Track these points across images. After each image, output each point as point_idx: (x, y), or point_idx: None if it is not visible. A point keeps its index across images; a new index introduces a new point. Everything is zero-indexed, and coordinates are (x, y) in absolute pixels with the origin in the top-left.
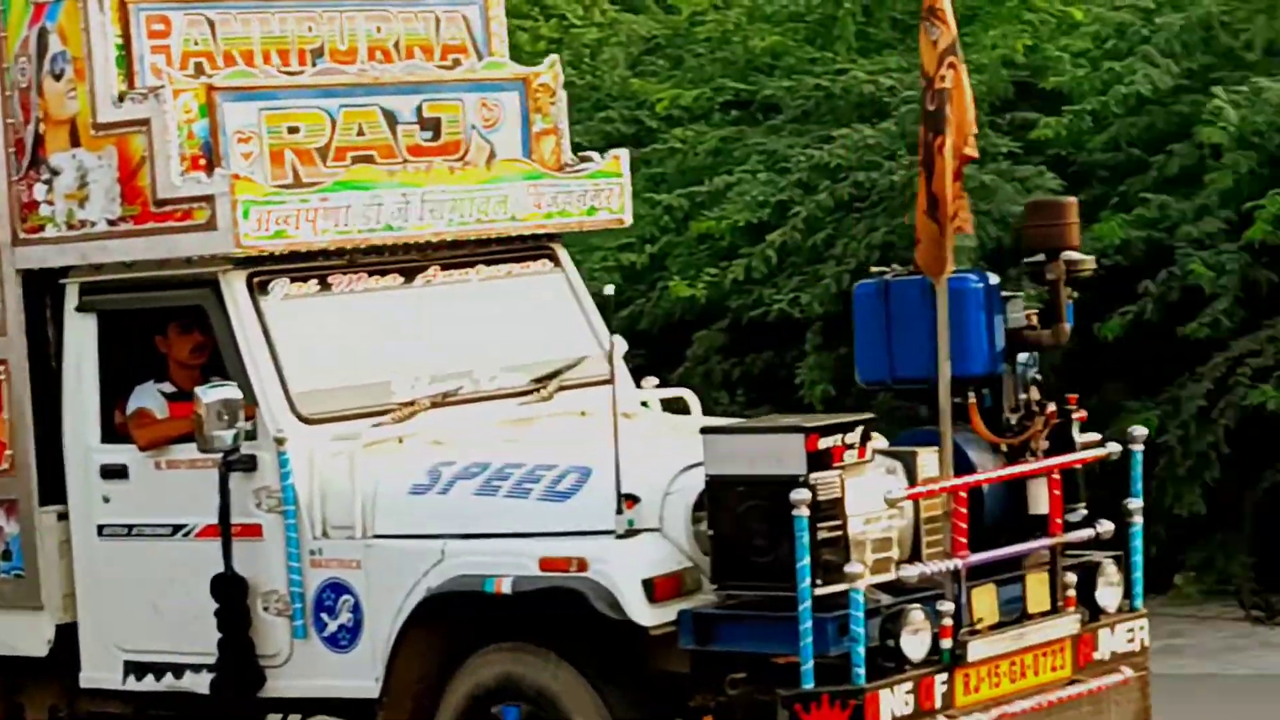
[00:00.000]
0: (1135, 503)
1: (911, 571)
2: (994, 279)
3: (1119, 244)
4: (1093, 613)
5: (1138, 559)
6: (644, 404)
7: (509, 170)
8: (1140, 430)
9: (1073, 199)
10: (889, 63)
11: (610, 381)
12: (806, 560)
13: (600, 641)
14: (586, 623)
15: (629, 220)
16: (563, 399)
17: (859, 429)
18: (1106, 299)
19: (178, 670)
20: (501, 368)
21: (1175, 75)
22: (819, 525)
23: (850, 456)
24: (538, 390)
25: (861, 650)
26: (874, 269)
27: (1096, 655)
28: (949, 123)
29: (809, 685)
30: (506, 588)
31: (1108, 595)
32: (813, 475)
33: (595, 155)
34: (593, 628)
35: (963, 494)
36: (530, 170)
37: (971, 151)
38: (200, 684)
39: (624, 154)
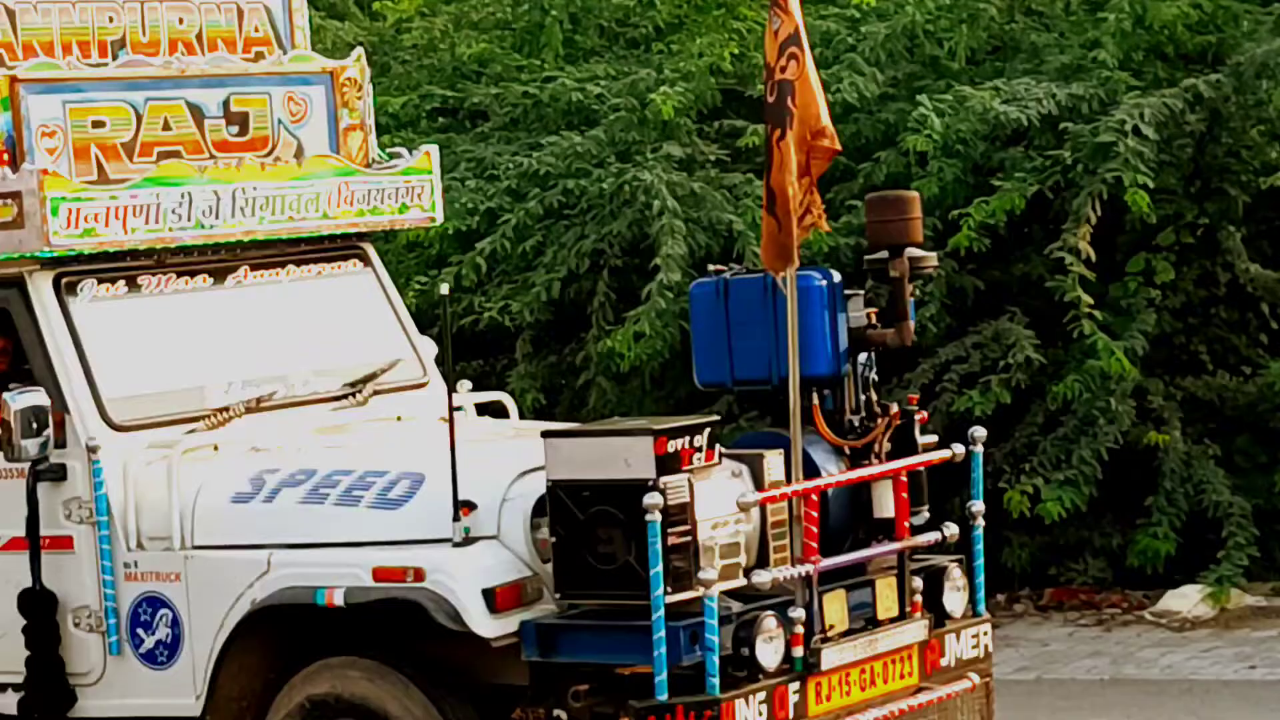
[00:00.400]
0: (977, 505)
1: (764, 577)
2: (836, 277)
3: (827, 251)
4: (937, 618)
5: (980, 563)
6: (458, 408)
7: (321, 167)
8: (980, 431)
9: (914, 193)
10: (596, 70)
11: (424, 385)
12: (660, 567)
13: (435, 654)
14: (419, 634)
15: (440, 218)
16: (377, 404)
17: (706, 431)
18: None
19: None
20: (314, 372)
21: (881, 84)
22: (668, 531)
23: (698, 459)
24: (352, 395)
25: (716, 659)
26: (711, 267)
27: (943, 662)
28: (792, 115)
29: (663, 697)
30: (339, 599)
31: (954, 600)
32: (662, 479)
33: (404, 151)
34: (426, 640)
35: (814, 498)
36: (342, 167)
37: (830, 144)
38: (6, 705)
39: (434, 150)
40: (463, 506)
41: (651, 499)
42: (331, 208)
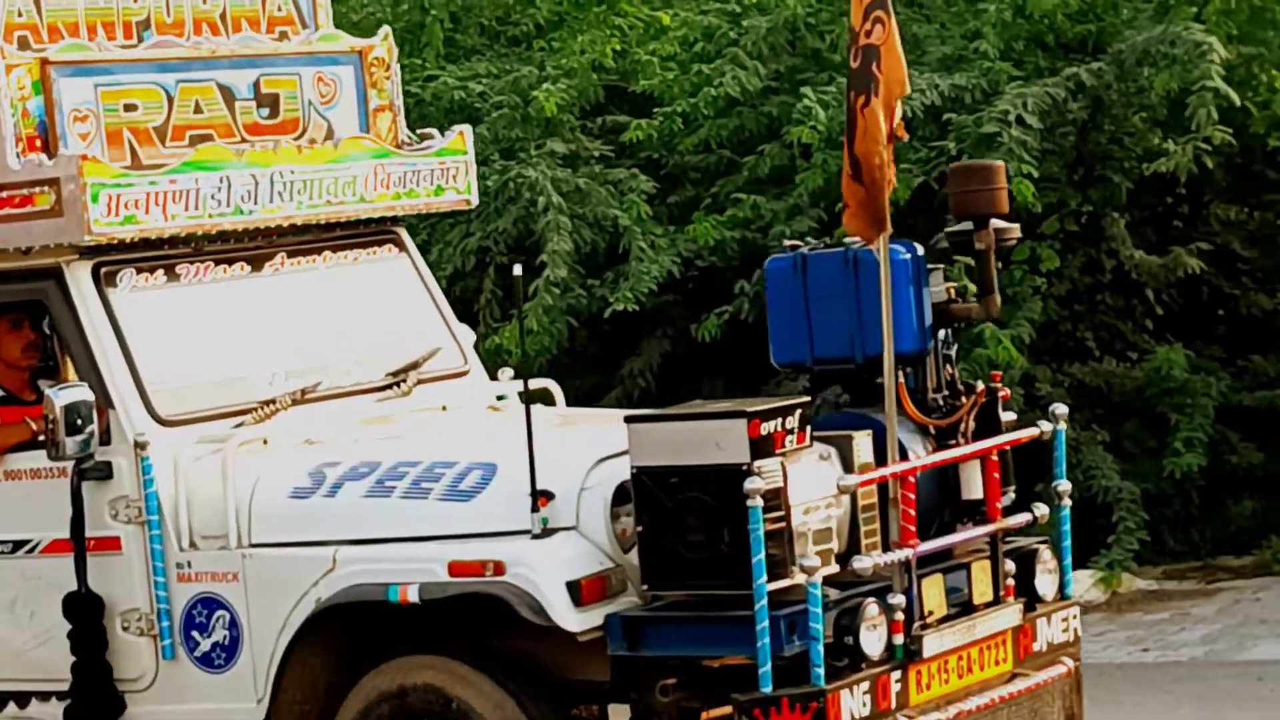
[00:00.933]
0: (1063, 485)
1: (866, 563)
2: (920, 249)
3: (713, 245)
4: (1028, 601)
5: (1067, 544)
6: (501, 397)
7: (356, 148)
8: (1062, 409)
9: (1000, 163)
10: (478, 69)
11: (465, 374)
12: (762, 555)
13: (510, 650)
14: (494, 630)
15: (475, 201)
16: (420, 393)
17: (798, 412)
18: (702, 299)
19: (21, 699)
20: (355, 361)
21: (763, 77)
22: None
23: (790, 442)
24: (396, 385)
25: (820, 649)
26: (787, 241)
27: (1035, 646)
28: (877, 81)
29: (767, 689)
30: (413, 596)
31: (1046, 583)
32: (755, 462)
33: (435, 132)
34: (499, 636)
35: (911, 479)
36: (378, 149)
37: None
38: (51, 713)
39: (468, 130)
40: (540, 496)
41: (753, 483)
42: (368, 191)
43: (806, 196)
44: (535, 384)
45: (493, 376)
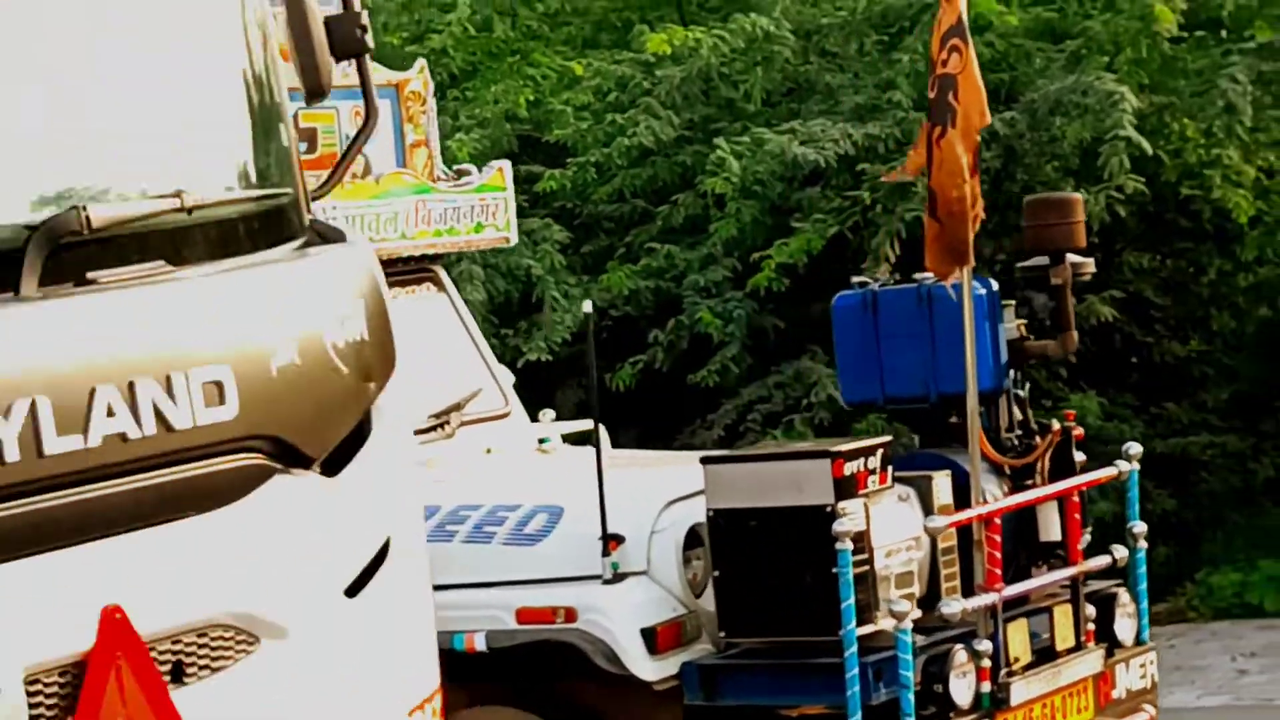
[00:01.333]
0: (1139, 526)
1: (954, 607)
2: (994, 285)
3: (628, 294)
4: (1108, 647)
5: (1143, 587)
6: (543, 440)
7: (397, 184)
8: (1136, 448)
9: (1078, 196)
10: None
11: (506, 415)
12: (852, 600)
13: (576, 701)
14: (559, 679)
15: (514, 239)
16: (464, 435)
17: (880, 452)
18: (617, 348)
19: None
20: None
21: (677, 126)
22: None
23: (873, 483)
24: (440, 426)
25: (911, 697)
26: (856, 279)
27: (1114, 694)
28: (954, 112)
29: None
30: (480, 644)
31: (1125, 628)
32: (839, 504)
33: (472, 168)
34: (563, 684)
35: (996, 521)
36: (419, 184)
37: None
38: None
39: (507, 166)
40: (610, 540)
41: (842, 525)
42: (409, 227)
43: (720, 246)
44: (577, 426)
45: None
